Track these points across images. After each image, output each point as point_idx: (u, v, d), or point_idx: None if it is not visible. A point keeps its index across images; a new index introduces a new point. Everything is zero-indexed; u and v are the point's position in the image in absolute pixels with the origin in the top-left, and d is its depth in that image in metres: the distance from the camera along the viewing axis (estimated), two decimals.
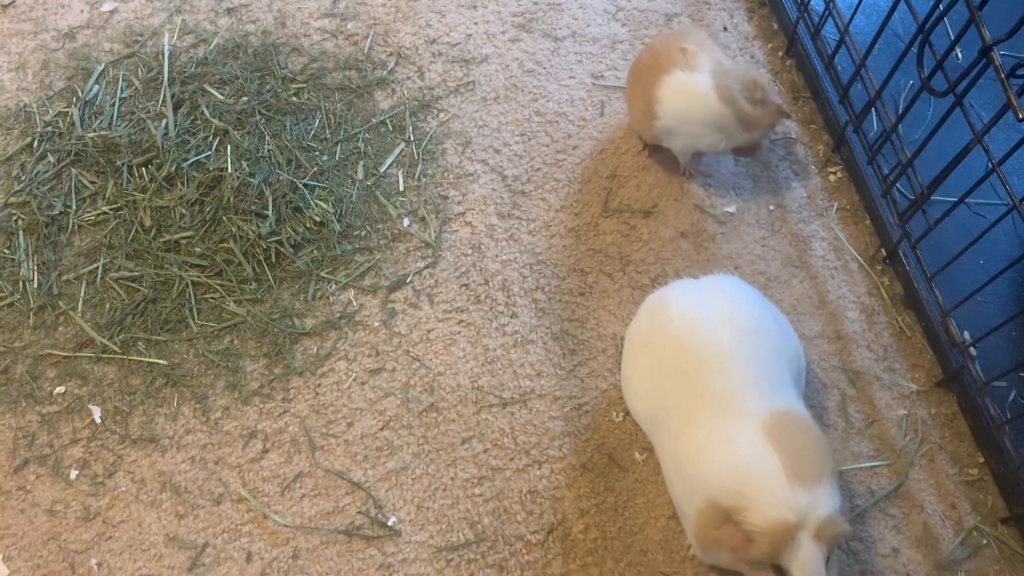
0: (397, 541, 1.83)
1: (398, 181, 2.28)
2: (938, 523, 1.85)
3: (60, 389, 2.00)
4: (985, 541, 1.83)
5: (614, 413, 1.97)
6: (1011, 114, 1.56)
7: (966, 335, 1.98)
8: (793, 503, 1.45)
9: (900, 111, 2.06)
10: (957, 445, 1.94)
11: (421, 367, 2.03)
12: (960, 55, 2.39)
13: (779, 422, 1.54)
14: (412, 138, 2.35)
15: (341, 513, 1.87)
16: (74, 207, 2.19)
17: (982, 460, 1.92)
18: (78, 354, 2.03)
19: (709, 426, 1.60)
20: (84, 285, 2.11)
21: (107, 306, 2.08)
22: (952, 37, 1.74)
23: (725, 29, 2.56)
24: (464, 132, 2.37)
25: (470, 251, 2.18)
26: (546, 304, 2.11)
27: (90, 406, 1.97)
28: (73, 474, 1.90)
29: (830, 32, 2.42)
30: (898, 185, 2.16)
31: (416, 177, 2.29)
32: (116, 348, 2.02)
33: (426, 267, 2.16)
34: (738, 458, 1.52)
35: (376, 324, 2.08)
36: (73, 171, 2.24)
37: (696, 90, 2.04)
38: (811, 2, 2.37)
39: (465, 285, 2.13)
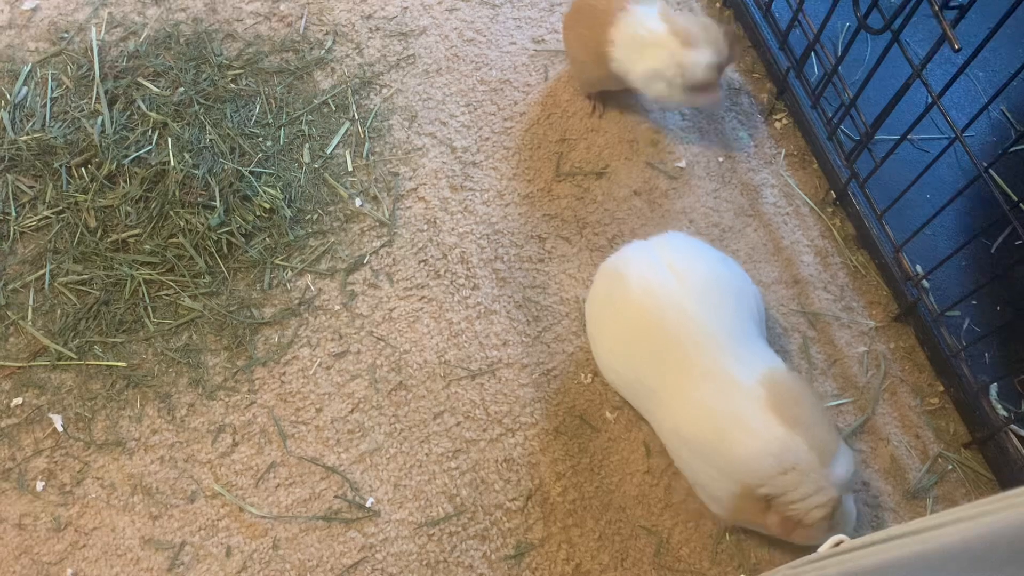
0: (377, 521, 1.83)
1: (346, 161, 2.25)
2: (904, 454, 1.90)
3: (17, 401, 1.95)
4: (950, 467, 1.88)
5: (582, 375, 1.98)
6: (947, 47, 1.58)
7: (918, 268, 2.02)
8: (833, 482, 1.52)
9: (839, 53, 2.08)
10: (917, 376, 1.99)
11: (386, 347, 2.01)
12: None
13: (778, 394, 1.57)
14: (356, 116, 2.32)
15: (318, 499, 1.86)
16: (14, 214, 2.13)
17: (942, 389, 1.96)
18: (33, 363, 1.98)
19: (710, 404, 1.60)
20: (32, 293, 2.05)
21: (58, 312, 2.03)
22: None
23: None
24: (409, 107, 2.34)
25: (426, 226, 2.16)
26: (506, 273, 2.10)
27: (50, 415, 1.93)
28: (39, 485, 1.87)
29: None
30: (842, 127, 2.18)
31: (364, 156, 2.26)
32: (72, 354, 1.98)
33: (382, 246, 2.14)
34: (765, 449, 1.53)
35: (337, 307, 2.06)
36: (9, 177, 2.16)
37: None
38: None
39: (424, 261, 2.12)
